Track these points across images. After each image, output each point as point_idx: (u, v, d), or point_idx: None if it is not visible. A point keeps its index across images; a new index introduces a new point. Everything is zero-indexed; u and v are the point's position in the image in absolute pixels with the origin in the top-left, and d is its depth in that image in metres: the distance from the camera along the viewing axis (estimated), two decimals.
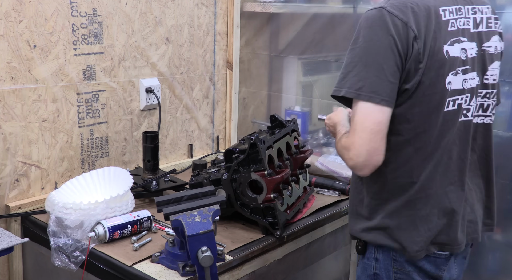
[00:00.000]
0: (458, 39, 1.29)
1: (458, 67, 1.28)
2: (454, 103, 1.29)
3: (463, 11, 1.33)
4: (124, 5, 1.98)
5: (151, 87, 2.10)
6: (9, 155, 1.74)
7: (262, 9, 2.40)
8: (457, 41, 1.29)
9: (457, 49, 1.29)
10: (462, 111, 1.31)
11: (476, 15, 1.36)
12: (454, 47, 1.28)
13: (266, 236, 1.66)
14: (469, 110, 1.33)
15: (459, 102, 1.29)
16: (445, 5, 1.30)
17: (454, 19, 1.30)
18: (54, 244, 1.54)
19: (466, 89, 1.30)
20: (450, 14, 1.30)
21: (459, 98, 1.29)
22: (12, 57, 1.69)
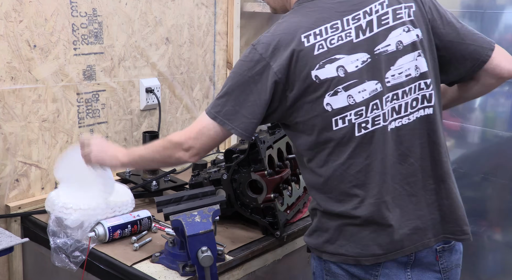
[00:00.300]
0: (329, 59, 1.27)
1: (337, 87, 1.27)
2: (344, 121, 1.28)
3: (338, 26, 1.29)
4: (124, 5, 1.98)
5: (151, 87, 2.11)
6: (9, 155, 1.74)
7: (262, 9, 2.41)
8: (328, 61, 1.27)
9: (331, 69, 1.27)
10: (359, 124, 1.29)
11: (361, 21, 1.30)
12: (325, 69, 1.27)
13: (266, 236, 1.66)
14: (368, 122, 1.28)
15: (349, 118, 1.28)
16: (309, 30, 1.28)
17: (323, 40, 1.28)
18: (54, 244, 1.54)
19: (355, 103, 1.28)
20: (317, 36, 1.28)
21: (347, 115, 1.28)
22: (12, 57, 1.69)
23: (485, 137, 2.00)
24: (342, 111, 1.28)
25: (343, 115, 1.28)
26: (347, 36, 1.29)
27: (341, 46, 1.28)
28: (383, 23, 1.31)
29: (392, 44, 1.30)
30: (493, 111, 1.96)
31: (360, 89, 1.28)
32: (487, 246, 2.06)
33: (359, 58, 1.28)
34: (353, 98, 1.28)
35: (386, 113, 1.29)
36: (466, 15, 1.97)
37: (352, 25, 1.30)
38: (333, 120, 1.28)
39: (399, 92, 1.30)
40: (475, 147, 2.05)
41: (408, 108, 1.31)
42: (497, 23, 1.92)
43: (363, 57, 1.29)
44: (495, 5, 1.93)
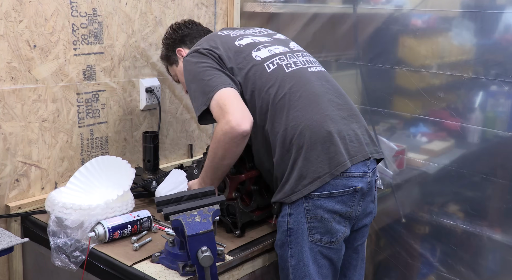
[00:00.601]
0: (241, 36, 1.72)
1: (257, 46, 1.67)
2: (273, 63, 1.61)
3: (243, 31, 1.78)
4: (124, 5, 1.98)
5: (151, 87, 2.10)
6: (9, 155, 1.74)
7: (262, 9, 2.40)
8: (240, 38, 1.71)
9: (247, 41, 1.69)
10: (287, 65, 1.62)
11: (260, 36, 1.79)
12: (242, 40, 1.69)
13: (266, 235, 1.66)
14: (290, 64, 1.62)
15: (276, 62, 1.62)
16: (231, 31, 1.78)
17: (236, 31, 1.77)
18: (54, 244, 1.54)
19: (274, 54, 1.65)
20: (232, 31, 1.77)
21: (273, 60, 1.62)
22: (12, 57, 1.69)
23: (485, 137, 2.00)
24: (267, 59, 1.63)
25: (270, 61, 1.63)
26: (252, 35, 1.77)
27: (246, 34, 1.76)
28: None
29: None
30: (493, 111, 1.96)
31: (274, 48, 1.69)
32: (487, 246, 2.06)
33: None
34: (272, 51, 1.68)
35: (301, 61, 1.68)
36: (466, 15, 1.97)
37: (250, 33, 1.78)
38: (265, 64, 1.62)
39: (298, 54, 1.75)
40: (475, 147, 2.05)
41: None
42: (497, 23, 1.92)
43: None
44: (495, 5, 1.92)
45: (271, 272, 1.70)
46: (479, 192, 2.05)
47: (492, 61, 1.91)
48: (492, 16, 1.93)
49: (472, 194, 2.09)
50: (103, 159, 1.80)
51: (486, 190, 2.03)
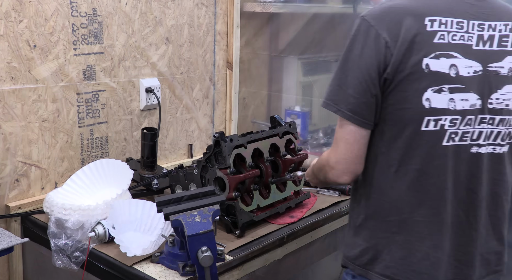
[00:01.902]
0: (446, 53, 1.18)
1: (443, 84, 1.18)
2: (436, 124, 1.19)
3: (464, 25, 1.21)
4: (124, 5, 1.98)
5: (151, 87, 2.10)
6: (9, 155, 1.74)
7: (262, 9, 2.41)
8: (444, 55, 1.18)
9: (444, 64, 1.18)
10: (448, 134, 1.20)
11: (484, 31, 1.22)
12: (439, 61, 1.17)
13: (266, 235, 1.66)
14: (457, 134, 1.20)
15: (442, 123, 1.19)
16: (436, 15, 1.19)
17: (446, 32, 1.19)
18: (55, 246, 1.54)
19: (453, 110, 1.19)
20: (442, 25, 1.19)
21: (442, 119, 1.19)
22: (12, 57, 1.69)
23: None
24: (437, 113, 1.18)
25: (438, 118, 1.18)
26: (469, 39, 1.21)
27: (460, 46, 1.20)
28: (502, 44, 1.24)
29: (505, 68, 1.23)
30: None
31: (463, 98, 1.19)
32: None
33: (473, 66, 1.21)
34: (454, 103, 1.19)
35: (476, 133, 1.22)
36: None
37: (476, 32, 1.22)
38: (425, 119, 1.18)
39: (496, 119, 1.23)
40: None
41: (498, 139, 1.25)
42: None
43: (477, 67, 1.21)
44: None
45: (271, 272, 1.70)
46: None
47: None
48: None
49: None
50: (101, 162, 1.81)
51: None
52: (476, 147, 1.23)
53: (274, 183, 1.77)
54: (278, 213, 1.78)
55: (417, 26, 1.18)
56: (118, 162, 1.80)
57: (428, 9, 1.20)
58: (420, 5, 1.21)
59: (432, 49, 1.17)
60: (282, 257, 1.72)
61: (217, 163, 1.67)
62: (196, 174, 1.72)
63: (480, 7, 1.24)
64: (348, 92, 1.21)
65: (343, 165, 1.25)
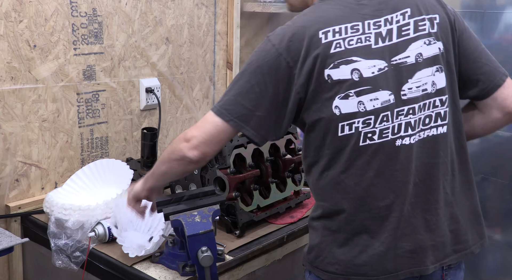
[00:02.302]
0: (345, 60, 1.21)
1: (348, 90, 1.21)
2: (351, 127, 1.22)
3: (359, 28, 1.23)
4: (124, 5, 1.98)
5: (151, 87, 2.10)
6: (9, 155, 1.74)
7: (262, 9, 2.40)
8: (343, 62, 1.21)
9: (345, 71, 1.21)
10: (364, 135, 1.22)
11: (381, 28, 1.24)
12: (339, 69, 1.20)
13: (266, 235, 1.66)
14: (375, 133, 1.22)
15: (356, 126, 1.22)
16: (329, 26, 1.22)
17: (341, 39, 1.21)
18: (55, 246, 1.54)
19: (363, 111, 1.22)
20: (336, 34, 1.22)
21: (355, 122, 1.22)
22: (12, 57, 1.69)
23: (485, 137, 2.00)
24: (350, 117, 1.22)
25: (351, 122, 1.22)
26: (367, 40, 1.23)
27: (359, 49, 1.22)
28: (403, 34, 1.25)
29: (411, 56, 1.25)
30: None
31: (372, 97, 1.22)
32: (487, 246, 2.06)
33: (376, 65, 1.23)
34: (363, 105, 1.22)
35: (396, 127, 1.23)
36: (466, 15, 1.96)
37: (373, 31, 1.24)
38: (340, 125, 1.22)
39: (416, 107, 1.24)
40: (475, 147, 2.05)
41: (420, 125, 1.25)
42: (497, 23, 1.92)
43: (380, 65, 1.23)
44: (495, 5, 1.93)
45: (271, 272, 1.70)
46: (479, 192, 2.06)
47: None
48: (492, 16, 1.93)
49: None
50: (101, 162, 1.81)
51: (486, 190, 2.04)
52: (399, 139, 1.23)
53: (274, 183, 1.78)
54: (278, 213, 1.78)
55: (313, 41, 1.21)
56: (118, 162, 1.80)
57: (320, 22, 1.23)
58: (313, 19, 1.25)
59: (330, 60, 1.21)
60: (282, 257, 1.72)
61: (217, 163, 1.67)
62: (196, 174, 1.72)
63: (372, 5, 1.26)
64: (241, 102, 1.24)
65: (199, 140, 1.25)
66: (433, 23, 1.27)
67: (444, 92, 1.27)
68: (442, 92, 1.27)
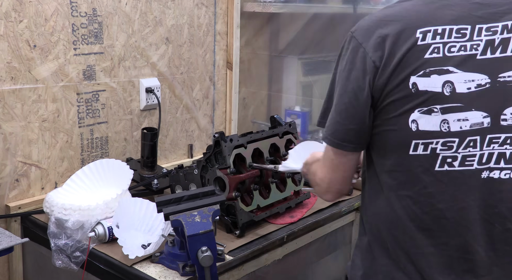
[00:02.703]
0: (439, 69, 1.03)
1: (434, 104, 1.04)
2: (426, 148, 1.05)
3: (467, 33, 1.04)
4: (124, 5, 1.98)
5: (151, 87, 2.10)
6: (9, 155, 1.74)
7: (262, 9, 2.40)
8: (437, 72, 1.03)
9: (437, 82, 1.03)
10: (443, 159, 1.06)
11: (496, 35, 1.04)
12: (429, 79, 1.03)
13: (266, 235, 1.66)
14: (456, 159, 1.05)
15: (433, 147, 1.05)
16: (430, 25, 1.04)
17: (441, 44, 1.04)
18: (55, 246, 1.54)
19: (446, 132, 1.05)
20: (437, 36, 1.04)
21: (433, 142, 1.05)
22: (12, 57, 1.69)
23: None
24: (427, 136, 1.05)
25: (427, 141, 1.05)
26: (473, 48, 1.04)
27: (460, 58, 1.04)
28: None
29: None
30: None
31: (461, 117, 1.04)
32: None
33: (475, 80, 1.04)
34: (448, 124, 1.04)
35: (486, 155, 1.04)
36: None
37: (484, 37, 1.04)
38: (413, 142, 1.06)
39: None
40: None
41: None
42: None
43: (481, 80, 1.04)
44: None
45: (271, 272, 1.70)
46: None
47: None
48: None
49: None
50: (101, 162, 1.81)
51: None
52: (487, 171, 1.05)
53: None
54: (278, 213, 1.78)
55: (407, 40, 1.05)
56: (118, 162, 1.80)
57: (421, 19, 1.06)
58: (412, 14, 1.07)
59: (421, 65, 1.04)
60: (282, 257, 1.72)
61: (217, 163, 1.67)
62: (196, 174, 1.72)
63: (490, 5, 1.06)
64: (335, 118, 1.13)
65: (326, 184, 1.21)
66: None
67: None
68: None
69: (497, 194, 1.05)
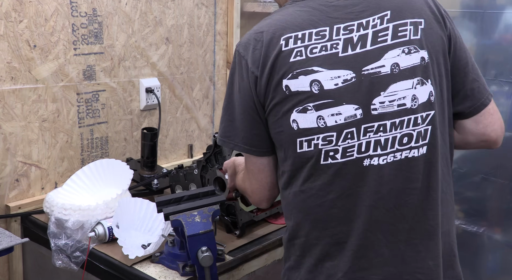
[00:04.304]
0: (305, 70, 1.10)
1: (307, 103, 1.10)
2: (310, 144, 1.11)
3: (326, 34, 1.11)
4: (124, 5, 1.98)
5: (151, 87, 2.11)
6: (9, 155, 1.74)
7: (262, 9, 2.41)
8: (303, 73, 1.10)
9: (304, 82, 1.09)
10: (326, 153, 1.11)
11: (353, 33, 1.11)
12: (298, 80, 1.10)
13: (266, 235, 1.66)
14: (337, 151, 1.10)
15: (315, 143, 1.10)
16: (292, 31, 1.12)
17: (303, 47, 1.10)
18: (55, 246, 1.54)
19: (323, 127, 1.10)
20: (298, 41, 1.11)
21: (314, 138, 1.10)
22: (12, 57, 1.69)
23: None
24: (308, 133, 1.11)
25: (309, 138, 1.11)
26: (333, 48, 1.11)
27: (322, 58, 1.10)
28: (379, 40, 1.10)
29: (386, 66, 1.10)
30: None
31: (334, 112, 1.10)
32: (487, 246, 2.06)
33: (341, 76, 1.10)
34: (323, 120, 1.10)
35: (364, 144, 1.10)
36: (466, 15, 1.97)
37: (342, 36, 1.11)
38: (298, 140, 1.12)
39: (387, 124, 1.10)
40: None
41: (396, 144, 1.10)
42: (497, 23, 1.92)
43: (346, 75, 1.10)
44: (495, 5, 1.93)
45: (271, 272, 1.70)
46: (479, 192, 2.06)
47: (492, 61, 1.91)
48: (492, 16, 1.93)
49: (472, 194, 2.09)
50: (101, 162, 1.81)
51: (486, 190, 2.04)
52: (367, 159, 1.10)
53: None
54: (278, 213, 1.78)
55: (275, 48, 1.12)
56: (118, 162, 1.80)
57: (284, 27, 1.13)
58: (278, 24, 1.14)
59: (289, 69, 1.11)
60: (282, 257, 1.72)
61: (217, 163, 1.67)
62: (196, 174, 1.73)
63: (346, 6, 1.13)
64: (238, 126, 1.19)
65: (257, 194, 1.28)
66: (417, 29, 1.11)
67: (429, 108, 1.11)
68: (426, 107, 1.11)
69: (378, 179, 1.11)
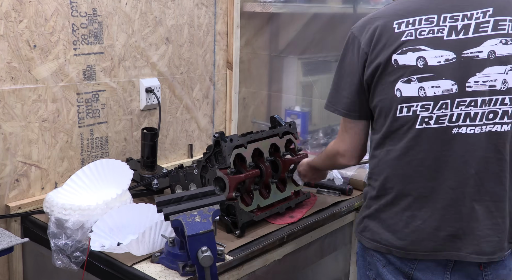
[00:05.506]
0: (413, 48, 1.32)
1: (412, 75, 1.32)
2: (409, 110, 1.33)
3: (434, 20, 1.32)
4: (124, 5, 1.98)
5: (151, 87, 2.10)
6: (9, 155, 1.74)
7: (262, 9, 2.41)
8: (411, 50, 1.32)
9: (412, 58, 1.32)
10: (422, 118, 1.32)
11: (458, 22, 1.31)
12: (406, 56, 1.32)
13: (266, 235, 1.66)
14: (431, 118, 1.32)
15: (414, 109, 1.33)
16: (404, 18, 1.35)
17: (413, 30, 1.33)
18: (55, 246, 1.54)
19: (423, 96, 1.31)
20: (409, 25, 1.34)
21: (414, 105, 1.32)
22: (12, 57, 1.69)
23: None
24: (409, 100, 1.32)
25: (410, 105, 1.32)
26: (439, 32, 1.31)
27: (429, 39, 1.31)
28: (480, 30, 1.30)
29: (484, 52, 1.30)
30: None
31: (434, 85, 1.31)
32: None
33: (444, 55, 1.31)
34: (424, 90, 1.32)
35: (455, 115, 1.30)
36: None
37: (448, 23, 1.32)
38: (399, 106, 1.33)
39: (478, 100, 1.30)
40: None
41: (483, 119, 1.30)
42: None
43: (448, 56, 1.31)
44: None
45: (271, 272, 1.70)
46: None
47: None
48: None
49: None
50: (101, 162, 1.81)
51: None
52: (456, 128, 1.31)
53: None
54: (278, 213, 1.78)
55: (388, 30, 1.35)
56: (118, 162, 1.80)
57: (397, 14, 1.36)
58: (391, 11, 1.37)
59: (399, 46, 1.33)
60: (282, 257, 1.72)
61: (217, 163, 1.67)
62: (196, 174, 1.73)
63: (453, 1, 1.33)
64: (343, 94, 1.44)
65: (351, 152, 1.49)
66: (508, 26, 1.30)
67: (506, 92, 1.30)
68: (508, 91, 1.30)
69: (463, 146, 1.31)
